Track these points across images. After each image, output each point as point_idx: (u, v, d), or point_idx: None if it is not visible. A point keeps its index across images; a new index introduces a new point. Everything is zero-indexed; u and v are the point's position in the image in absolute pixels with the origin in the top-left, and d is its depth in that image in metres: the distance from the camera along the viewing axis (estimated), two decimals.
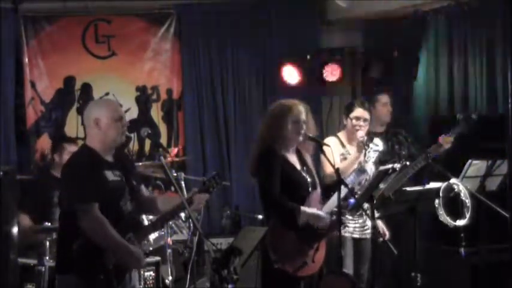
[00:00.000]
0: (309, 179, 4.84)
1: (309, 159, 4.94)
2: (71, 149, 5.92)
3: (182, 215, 5.64)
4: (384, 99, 6.15)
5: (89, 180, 4.02)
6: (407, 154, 5.95)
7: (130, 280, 4.18)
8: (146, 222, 4.93)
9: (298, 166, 4.84)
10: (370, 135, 5.71)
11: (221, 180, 4.35)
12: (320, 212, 4.74)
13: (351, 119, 5.58)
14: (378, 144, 5.64)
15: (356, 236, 5.52)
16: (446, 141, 5.64)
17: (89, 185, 4.01)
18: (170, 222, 5.61)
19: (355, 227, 5.52)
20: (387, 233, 5.51)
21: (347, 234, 5.44)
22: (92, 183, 4.01)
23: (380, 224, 5.51)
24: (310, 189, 4.81)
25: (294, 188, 4.75)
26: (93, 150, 4.14)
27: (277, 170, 4.70)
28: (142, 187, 4.39)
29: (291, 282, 4.68)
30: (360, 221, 5.51)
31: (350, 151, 5.59)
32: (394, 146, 6.02)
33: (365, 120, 5.58)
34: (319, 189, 4.90)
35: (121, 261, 4.01)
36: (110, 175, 4.10)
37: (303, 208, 4.69)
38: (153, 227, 4.41)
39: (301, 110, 4.82)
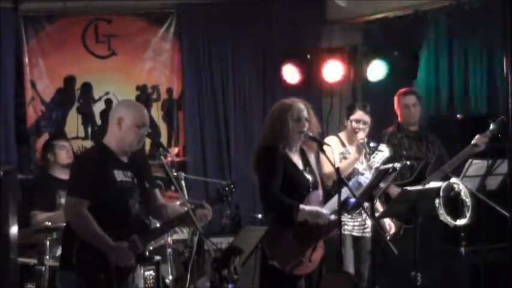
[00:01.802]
0: (310, 179, 4.84)
1: (312, 159, 4.94)
2: (61, 144, 5.95)
3: None
4: (405, 100, 6.15)
5: (87, 177, 4.03)
6: (438, 154, 5.98)
7: (133, 280, 4.18)
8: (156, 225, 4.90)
9: (300, 166, 4.84)
10: (381, 138, 5.78)
11: (235, 189, 4.32)
12: (319, 209, 4.74)
13: (351, 121, 5.64)
14: (383, 150, 5.66)
15: (355, 234, 5.53)
16: (482, 141, 5.67)
17: (83, 181, 4.03)
18: None
19: (354, 225, 5.53)
20: (393, 228, 5.52)
21: (346, 233, 5.47)
22: (89, 181, 4.02)
23: (387, 220, 5.53)
24: (310, 189, 4.81)
25: (294, 187, 4.75)
26: (108, 148, 4.15)
27: (278, 167, 4.70)
28: (157, 192, 4.38)
29: (287, 280, 4.68)
30: (359, 219, 5.53)
31: (350, 151, 5.63)
32: (428, 146, 6.05)
33: (365, 122, 5.63)
34: (320, 190, 4.90)
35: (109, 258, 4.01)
36: (120, 175, 4.11)
37: (302, 206, 4.70)
38: (160, 231, 4.40)
39: (302, 107, 4.82)
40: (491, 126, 5.72)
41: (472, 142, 5.72)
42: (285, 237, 4.66)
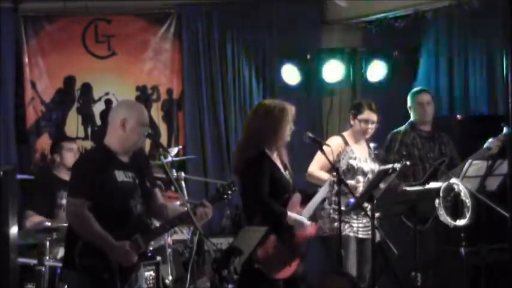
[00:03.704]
0: (290, 181, 4.87)
1: (287, 160, 4.94)
2: (70, 146, 5.96)
3: None
4: (420, 99, 6.09)
5: (88, 177, 4.04)
6: (451, 155, 5.97)
7: (136, 280, 4.18)
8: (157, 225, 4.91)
9: (281, 168, 4.86)
10: (394, 137, 5.83)
11: (235, 188, 4.33)
12: (304, 220, 4.80)
13: (360, 121, 5.58)
14: (350, 155, 5.61)
15: (360, 236, 5.51)
16: (495, 145, 5.64)
17: (84, 182, 4.04)
18: None
19: (359, 226, 5.50)
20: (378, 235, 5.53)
21: (351, 234, 5.44)
22: (90, 181, 4.02)
23: None
24: (291, 191, 4.85)
25: (279, 191, 4.78)
26: (109, 149, 4.15)
27: (267, 173, 4.73)
28: (157, 191, 4.38)
29: (267, 284, 4.68)
30: (364, 220, 5.49)
31: (354, 150, 5.60)
32: (441, 146, 6.04)
33: (373, 122, 5.60)
34: (298, 193, 4.91)
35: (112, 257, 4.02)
36: (121, 175, 4.10)
37: (289, 213, 4.73)
38: (161, 230, 4.40)
39: (294, 111, 4.84)
40: (505, 130, 5.66)
41: (485, 145, 5.66)
42: (270, 241, 4.66)
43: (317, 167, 5.45)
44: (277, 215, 4.70)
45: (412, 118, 6.09)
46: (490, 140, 5.67)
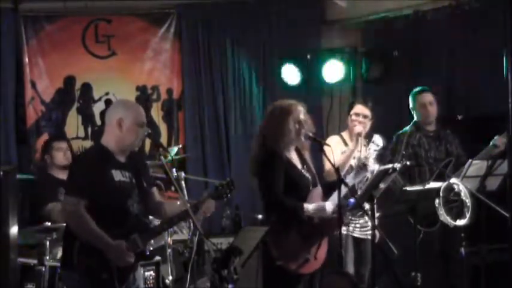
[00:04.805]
0: (309, 177, 4.86)
1: (307, 156, 4.96)
2: (59, 145, 5.97)
3: None
4: (422, 99, 6.04)
5: (85, 177, 4.05)
6: (457, 153, 5.95)
7: (134, 280, 4.19)
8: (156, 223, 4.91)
9: (299, 165, 4.87)
10: (399, 138, 5.76)
11: (234, 187, 4.34)
12: (322, 203, 4.77)
13: (351, 116, 5.63)
14: (378, 143, 5.62)
15: (356, 235, 5.52)
16: (501, 142, 5.61)
17: (82, 181, 4.04)
18: None
19: (356, 226, 5.52)
20: (377, 235, 5.52)
21: (347, 233, 5.45)
22: (87, 180, 4.03)
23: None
24: (310, 187, 4.84)
25: (295, 188, 4.78)
26: (106, 148, 4.16)
27: (280, 171, 4.74)
28: (154, 190, 4.39)
29: (292, 280, 4.69)
30: (361, 221, 5.51)
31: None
32: (447, 145, 6.02)
33: (365, 116, 5.62)
34: (319, 187, 4.92)
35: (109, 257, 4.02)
36: (118, 175, 4.12)
37: (305, 205, 4.72)
38: (160, 229, 4.40)
39: (301, 109, 4.85)
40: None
41: (491, 143, 5.63)
42: (290, 237, 4.68)
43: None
44: (293, 210, 4.70)
45: (416, 118, 6.05)
46: (496, 137, 5.64)
